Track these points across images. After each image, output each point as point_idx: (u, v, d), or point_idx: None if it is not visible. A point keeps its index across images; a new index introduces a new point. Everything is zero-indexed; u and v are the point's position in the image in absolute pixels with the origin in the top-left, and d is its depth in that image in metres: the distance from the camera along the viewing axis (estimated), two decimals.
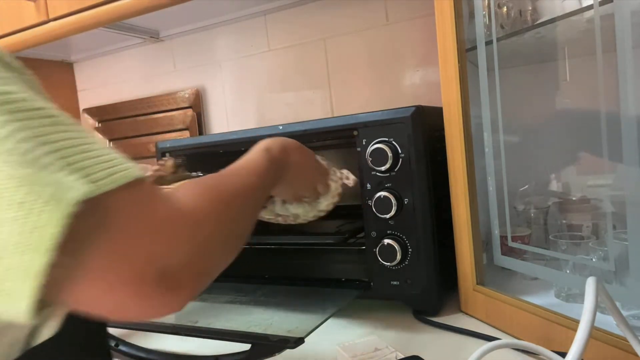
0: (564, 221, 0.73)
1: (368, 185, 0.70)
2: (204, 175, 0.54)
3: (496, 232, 0.66)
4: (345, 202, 0.98)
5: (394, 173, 0.68)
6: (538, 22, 0.67)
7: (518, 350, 0.55)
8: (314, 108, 1.17)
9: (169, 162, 0.72)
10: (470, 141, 0.66)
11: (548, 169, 0.85)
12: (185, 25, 1.28)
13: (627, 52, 0.46)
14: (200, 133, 1.31)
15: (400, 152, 0.67)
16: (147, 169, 0.69)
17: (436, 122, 0.69)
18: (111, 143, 1.47)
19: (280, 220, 0.67)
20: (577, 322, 0.39)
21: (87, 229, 0.27)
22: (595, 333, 0.47)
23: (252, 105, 1.26)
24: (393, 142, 0.68)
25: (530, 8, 0.69)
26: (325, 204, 0.66)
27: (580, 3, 0.59)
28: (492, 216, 0.66)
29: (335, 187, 0.66)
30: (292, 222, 0.67)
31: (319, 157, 0.68)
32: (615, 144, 0.48)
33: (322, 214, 0.67)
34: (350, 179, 0.68)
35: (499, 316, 0.64)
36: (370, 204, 0.70)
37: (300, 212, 0.67)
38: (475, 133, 0.67)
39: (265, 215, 0.67)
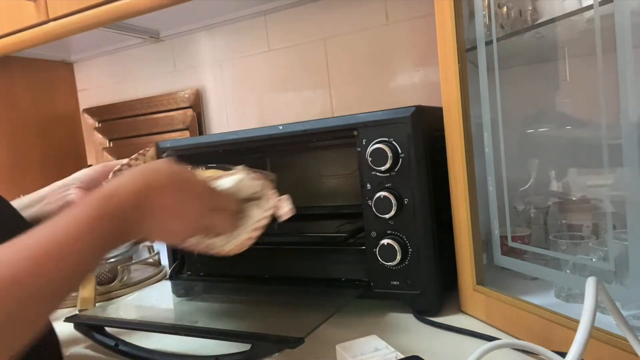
0: (564, 221, 0.73)
1: (368, 185, 0.70)
2: None
3: (496, 232, 0.66)
4: (345, 202, 0.99)
5: (394, 173, 0.68)
6: (538, 22, 0.67)
7: (518, 350, 0.55)
8: (314, 108, 1.17)
9: (150, 151, 0.66)
10: (470, 141, 0.66)
11: (548, 169, 0.85)
12: (185, 25, 1.28)
13: (627, 52, 0.46)
14: (200, 133, 1.31)
15: (400, 152, 0.67)
16: (120, 162, 0.63)
17: (436, 122, 0.69)
18: (111, 143, 1.47)
19: (188, 247, 0.56)
20: (577, 322, 0.39)
21: None
22: (595, 333, 0.47)
23: (252, 105, 1.26)
24: (393, 142, 0.68)
25: (530, 8, 0.69)
26: (245, 237, 0.55)
27: (580, 3, 0.59)
28: (492, 216, 0.66)
29: (258, 218, 0.55)
30: (208, 252, 0.57)
31: (253, 176, 0.57)
32: (615, 144, 0.48)
33: (246, 247, 0.56)
34: (285, 209, 0.56)
35: (499, 316, 0.64)
36: (370, 204, 0.70)
37: (213, 242, 0.56)
38: (475, 133, 0.66)
39: None
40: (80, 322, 0.71)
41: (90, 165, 1.47)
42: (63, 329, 0.68)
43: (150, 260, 1.11)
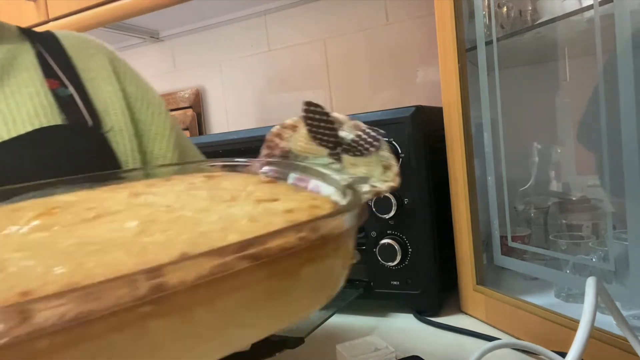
0: (564, 221, 0.73)
1: None
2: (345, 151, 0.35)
3: (496, 232, 0.66)
4: None
5: None
6: (538, 22, 0.67)
7: (518, 350, 0.55)
8: None
9: (300, 128, 0.38)
10: (470, 141, 0.66)
11: (548, 169, 0.85)
12: (185, 25, 1.28)
13: (627, 52, 0.46)
14: (200, 133, 1.31)
15: (400, 152, 0.67)
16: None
17: (436, 122, 0.69)
18: None
19: None
20: (577, 322, 0.39)
21: None
22: (595, 333, 0.47)
23: (252, 105, 1.26)
24: (393, 142, 0.68)
25: (530, 8, 0.69)
26: None
27: (580, 3, 0.59)
28: (492, 216, 0.66)
29: None
30: None
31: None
32: (615, 144, 0.48)
33: None
34: None
35: (499, 316, 0.64)
36: (370, 203, 0.70)
37: None
38: (475, 133, 0.66)
39: None
40: None
41: None
42: None
43: None
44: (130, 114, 0.58)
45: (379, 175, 0.37)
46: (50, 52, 0.56)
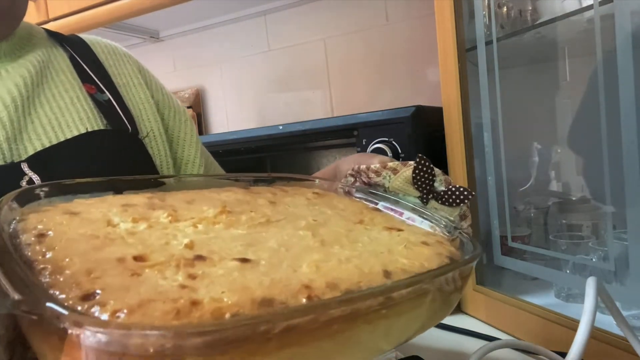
0: (564, 221, 0.73)
1: None
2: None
3: (496, 232, 0.66)
4: None
5: None
6: (538, 22, 0.67)
7: (518, 350, 0.55)
8: (314, 108, 1.17)
9: (401, 172, 0.42)
10: (470, 141, 0.66)
11: (548, 169, 0.85)
12: (185, 25, 1.28)
13: (627, 52, 0.46)
14: (200, 133, 1.31)
15: (400, 152, 0.67)
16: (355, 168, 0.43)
17: (436, 122, 0.69)
18: None
19: None
20: (577, 322, 0.39)
21: None
22: (595, 333, 0.47)
23: (252, 105, 1.26)
24: (393, 142, 0.68)
25: (530, 8, 0.69)
26: None
27: (580, 3, 0.59)
28: (492, 216, 0.66)
29: None
30: None
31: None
32: (615, 144, 0.48)
33: None
34: None
35: (499, 316, 0.64)
36: None
37: None
38: (475, 133, 0.66)
39: None
40: None
41: None
42: None
43: None
44: (160, 120, 0.59)
45: (457, 222, 0.43)
46: (82, 56, 0.56)
